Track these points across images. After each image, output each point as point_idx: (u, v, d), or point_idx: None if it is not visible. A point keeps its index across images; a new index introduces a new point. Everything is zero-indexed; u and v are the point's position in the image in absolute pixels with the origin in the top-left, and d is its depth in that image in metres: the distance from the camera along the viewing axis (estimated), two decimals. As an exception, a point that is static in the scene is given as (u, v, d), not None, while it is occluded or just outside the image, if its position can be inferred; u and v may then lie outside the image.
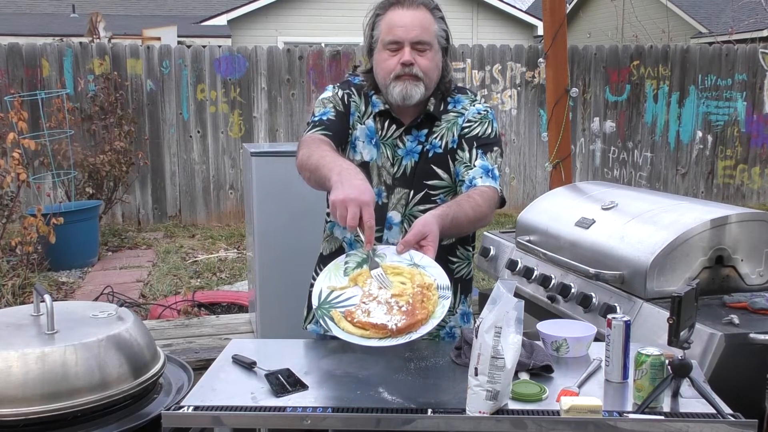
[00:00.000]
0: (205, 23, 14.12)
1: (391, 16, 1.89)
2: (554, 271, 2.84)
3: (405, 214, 1.95)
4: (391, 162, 1.95)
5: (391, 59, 1.89)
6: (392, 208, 1.94)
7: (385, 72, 1.91)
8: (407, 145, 1.95)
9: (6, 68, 7.61)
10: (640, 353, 1.69)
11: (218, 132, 8.28)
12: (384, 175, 1.94)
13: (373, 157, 1.94)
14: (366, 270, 1.72)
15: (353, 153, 1.96)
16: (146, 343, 2.29)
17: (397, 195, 1.94)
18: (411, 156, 1.95)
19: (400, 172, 1.94)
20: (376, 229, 1.75)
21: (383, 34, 1.90)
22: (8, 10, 16.10)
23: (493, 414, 1.59)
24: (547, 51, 4.03)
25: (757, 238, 2.45)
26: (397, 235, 1.92)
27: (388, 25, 1.89)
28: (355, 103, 1.98)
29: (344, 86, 2.02)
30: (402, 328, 1.63)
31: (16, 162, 5.26)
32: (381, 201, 1.93)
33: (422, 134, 1.96)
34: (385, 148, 1.96)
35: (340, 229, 1.97)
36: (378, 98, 1.99)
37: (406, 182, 1.94)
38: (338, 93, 2.00)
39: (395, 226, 1.94)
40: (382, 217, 1.93)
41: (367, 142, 1.94)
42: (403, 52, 1.87)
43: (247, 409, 1.66)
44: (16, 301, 4.96)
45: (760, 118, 9.54)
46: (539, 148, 8.95)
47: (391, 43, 1.88)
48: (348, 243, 1.99)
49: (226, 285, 5.78)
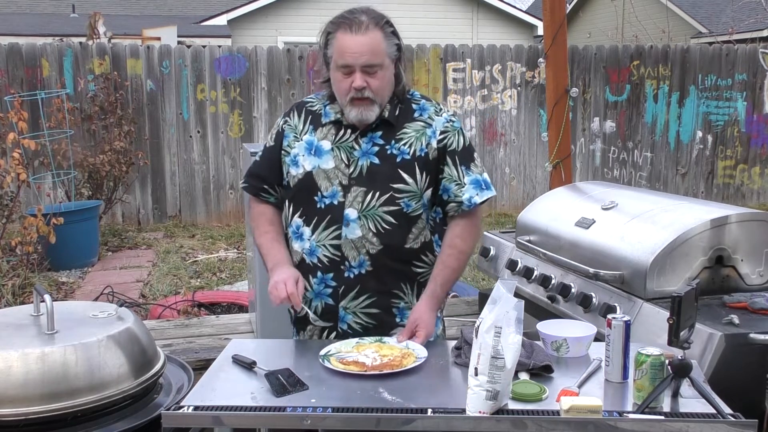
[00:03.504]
0: (205, 23, 14.11)
1: (342, 41, 1.96)
2: (554, 271, 2.84)
3: (362, 211, 2.02)
4: (347, 164, 2.04)
5: (345, 81, 1.98)
6: (348, 206, 2.02)
7: (340, 93, 2.02)
8: (362, 146, 2.04)
9: (6, 68, 7.61)
10: (640, 353, 1.69)
11: (218, 132, 8.28)
12: (339, 176, 2.03)
13: (316, 165, 2.05)
14: (367, 342, 2.00)
15: (295, 168, 2.07)
16: (146, 343, 2.29)
17: (354, 193, 2.02)
18: (367, 157, 2.04)
19: (356, 173, 2.03)
20: (335, 227, 2.02)
21: (336, 56, 1.98)
22: (8, 10, 16.10)
23: (493, 414, 1.59)
24: (547, 51, 4.03)
25: (757, 238, 2.45)
26: (355, 231, 2.01)
27: (339, 49, 1.96)
28: (291, 126, 2.13)
29: (289, 111, 2.18)
30: (377, 366, 1.86)
31: (16, 162, 5.26)
32: (337, 200, 2.03)
33: (377, 137, 2.05)
34: (340, 151, 2.05)
35: (299, 241, 2.09)
36: (331, 108, 2.10)
37: (364, 182, 2.02)
38: (279, 124, 2.17)
39: (352, 222, 2.02)
40: (340, 215, 2.02)
41: (307, 154, 2.07)
42: (354, 77, 1.96)
43: (247, 409, 1.67)
44: (16, 301, 4.96)
45: (760, 118, 9.54)
46: (539, 148, 8.95)
47: (343, 66, 1.97)
48: (307, 253, 2.08)
49: (226, 285, 5.78)
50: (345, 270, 2.03)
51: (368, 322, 2.08)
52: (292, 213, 2.09)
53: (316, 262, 2.05)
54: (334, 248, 2.03)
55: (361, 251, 2.02)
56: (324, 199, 2.03)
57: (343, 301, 2.06)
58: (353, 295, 2.05)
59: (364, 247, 2.01)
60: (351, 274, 2.03)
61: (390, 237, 2.02)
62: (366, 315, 2.07)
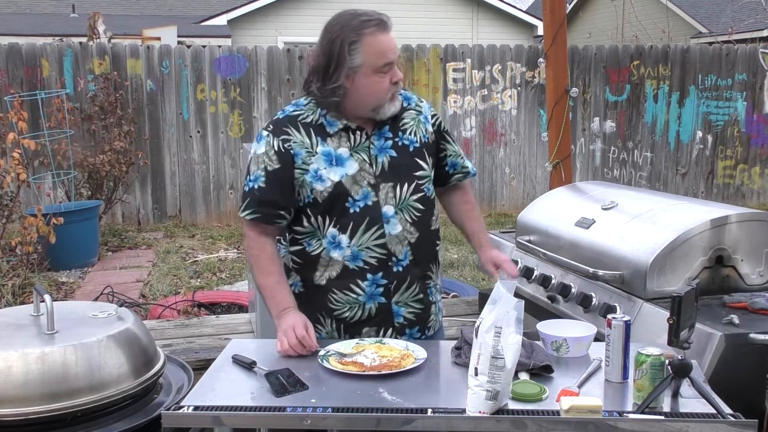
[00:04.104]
0: (205, 23, 14.11)
1: (378, 42, 1.96)
2: (554, 271, 2.84)
3: (397, 206, 2.06)
4: (370, 163, 2.05)
5: (384, 80, 1.99)
6: (384, 203, 2.04)
7: (380, 93, 2.00)
8: (377, 144, 2.07)
9: (6, 68, 7.61)
10: (640, 353, 1.69)
11: (218, 132, 8.28)
12: (366, 177, 2.03)
13: (343, 174, 2.02)
14: (367, 343, 2.02)
15: (320, 183, 2.01)
16: (146, 343, 2.29)
17: (384, 190, 2.05)
18: (385, 152, 2.07)
19: (380, 170, 2.05)
20: (376, 227, 2.03)
21: (374, 59, 1.96)
22: (8, 10, 16.11)
23: (493, 414, 1.59)
24: (547, 51, 4.03)
25: (757, 238, 2.45)
26: (396, 226, 2.05)
27: (377, 51, 1.96)
28: (298, 143, 2.03)
29: (277, 131, 2.04)
30: (376, 367, 1.85)
31: (16, 162, 5.26)
32: (371, 201, 2.03)
33: (385, 131, 2.09)
34: (360, 153, 2.05)
35: (338, 250, 2.05)
36: (332, 117, 2.05)
37: (388, 176, 2.06)
38: (274, 145, 2.03)
39: (392, 218, 2.05)
40: (378, 214, 2.03)
41: (329, 166, 2.02)
42: (393, 72, 2.00)
43: (247, 409, 1.67)
44: (16, 301, 4.96)
45: (760, 118, 9.54)
46: (539, 148, 8.95)
47: (385, 65, 1.98)
48: (350, 259, 2.05)
49: (226, 285, 5.78)
50: (393, 266, 2.06)
51: (417, 309, 2.14)
52: (326, 225, 2.04)
53: (362, 265, 2.05)
54: (379, 247, 2.04)
55: (404, 243, 2.07)
56: (356, 203, 2.02)
57: (395, 296, 2.10)
58: (404, 288, 2.10)
59: (406, 239, 2.07)
60: (399, 268, 2.07)
61: (422, 224, 2.10)
62: (416, 302, 2.13)
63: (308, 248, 2.08)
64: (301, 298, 2.11)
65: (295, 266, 2.13)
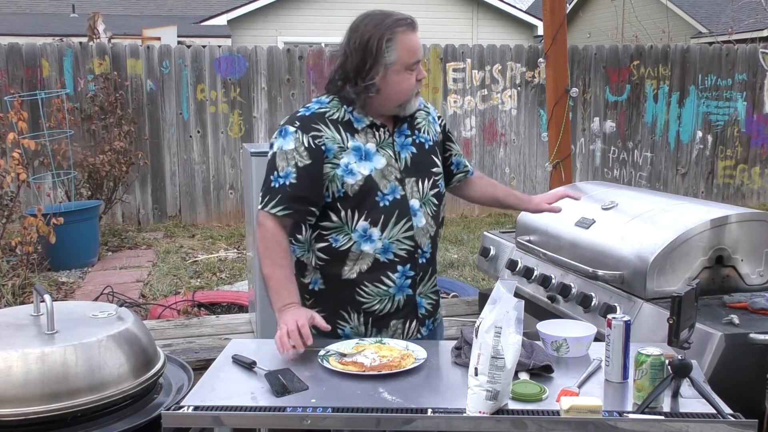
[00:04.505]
0: (205, 23, 14.11)
1: (410, 41, 2.05)
2: (554, 271, 2.84)
3: (421, 200, 2.14)
4: (395, 159, 2.12)
5: (412, 77, 2.08)
6: (410, 197, 2.11)
7: (407, 89, 2.08)
8: (398, 141, 2.14)
9: (6, 68, 7.61)
10: (640, 353, 1.69)
11: (218, 132, 8.28)
12: (393, 172, 2.10)
13: (372, 168, 2.07)
14: (367, 343, 2.02)
15: (351, 177, 2.04)
16: (146, 343, 2.29)
17: (409, 184, 2.12)
18: (406, 149, 2.15)
19: (404, 165, 2.13)
20: (405, 220, 2.09)
21: (406, 57, 2.04)
22: (8, 10, 16.10)
23: (493, 414, 1.59)
24: (547, 51, 4.03)
25: (757, 238, 2.45)
26: (421, 219, 2.12)
27: (409, 49, 2.05)
28: (329, 138, 2.05)
29: (306, 127, 2.05)
30: (376, 367, 1.86)
31: (16, 162, 5.26)
32: (399, 194, 2.10)
33: (404, 129, 2.17)
34: (386, 149, 2.11)
35: (369, 243, 2.07)
36: (358, 113, 2.10)
37: (411, 172, 2.14)
38: (303, 141, 2.04)
39: (418, 211, 2.12)
40: (406, 208, 2.10)
41: (359, 160, 2.06)
42: (418, 69, 2.09)
43: (247, 409, 1.67)
44: (16, 301, 4.96)
45: (760, 118, 9.54)
46: (539, 148, 8.95)
47: (415, 63, 2.07)
48: (381, 252, 2.08)
49: (226, 285, 5.78)
50: (419, 257, 2.14)
51: (434, 300, 2.24)
52: (356, 218, 2.06)
53: (392, 257, 2.09)
54: (408, 240, 2.10)
55: (427, 236, 2.15)
56: (386, 197, 2.07)
57: (419, 287, 2.17)
58: (426, 279, 2.18)
59: (428, 231, 2.15)
60: (423, 259, 2.15)
61: (436, 217, 2.19)
62: (433, 294, 2.23)
63: (335, 244, 2.08)
64: (320, 295, 2.13)
65: (320, 263, 2.11)
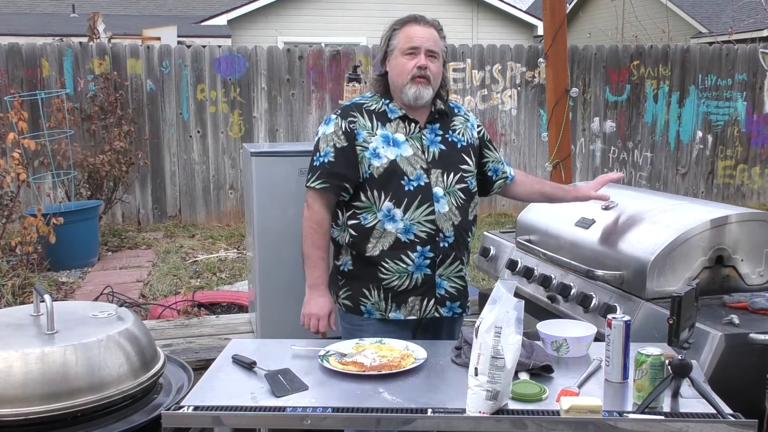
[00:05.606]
0: (205, 23, 14.11)
1: (410, 30, 2.28)
2: (554, 271, 2.84)
3: (446, 189, 2.31)
4: (422, 150, 2.31)
5: (409, 62, 2.26)
6: (434, 185, 2.29)
7: (403, 73, 2.27)
8: (427, 137, 2.34)
9: (6, 68, 7.61)
10: (640, 353, 1.70)
11: (218, 132, 8.28)
12: (419, 162, 2.29)
13: (398, 154, 2.28)
14: (367, 343, 2.07)
15: (378, 160, 2.27)
16: (146, 343, 2.29)
17: (434, 174, 2.30)
18: (435, 145, 2.34)
19: (431, 158, 2.31)
20: (427, 204, 2.26)
21: (402, 43, 2.28)
22: (8, 10, 16.10)
23: (493, 414, 1.59)
24: (547, 51, 4.03)
25: (757, 238, 2.45)
26: (444, 206, 2.29)
27: (407, 36, 2.28)
28: (361, 124, 2.31)
29: (345, 114, 2.33)
30: (376, 367, 1.87)
31: (16, 162, 5.25)
32: (423, 182, 2.28)
33: (436, 128, 2.37)
34: (414, 141, 2.31)
35: (392, 223, 2.26)
36: (394, 105, 2.34)
37: (439, 164, 2.32)
38: (341, 125, 2.31)
39: (441, 198, 2.29)
40: (429, 194, 2.28)
41: (386, 146, 2.28)
42: (419, 57, 2.25)
43: (247, 409, 1.67)
44: (16, 301, 4.96)
45: (760, 118, 9.54)
46: (539, 148, 8.95)
47: (410, 48, 2.26)
48: (402, 232, 2.25)
49: (226, 285, 5.78)
50: (440, 241, 2.29)
51: (459, 285, 2.38)
52: (382, 198, 2.27)
53: (412, 238, 2.27)
54: (429, 223, 2.27)
55: (449, 223, 2.29)
56: (411, 182, 2.26)
57: (440, 269, 2.31)
58: (448, 262, 2.32)
59: (450, 219, 2.30)
60: (445, 243, 2.30)
61: (462, 211, 2.34)
62: (458, 278, 2.37)
63: (363, 222, 2.29)
64: (350, 276, 2.34)
65: (351, 239, 2.30)
